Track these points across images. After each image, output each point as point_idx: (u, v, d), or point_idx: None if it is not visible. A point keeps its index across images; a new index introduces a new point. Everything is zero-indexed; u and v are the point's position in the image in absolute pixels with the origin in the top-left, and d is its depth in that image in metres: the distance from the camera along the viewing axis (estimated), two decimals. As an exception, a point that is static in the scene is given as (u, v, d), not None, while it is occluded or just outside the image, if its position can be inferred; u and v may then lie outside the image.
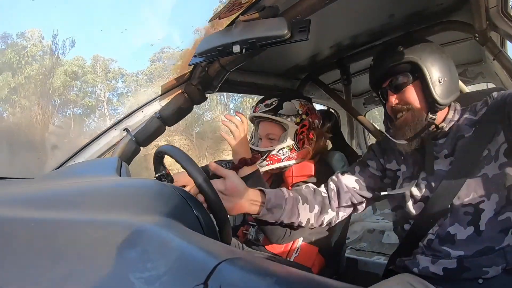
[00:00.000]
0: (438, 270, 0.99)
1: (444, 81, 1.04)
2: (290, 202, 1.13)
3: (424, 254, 1.04)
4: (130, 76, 22.92)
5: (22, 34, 19.74)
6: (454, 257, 0.97)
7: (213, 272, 0.36)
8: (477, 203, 0.97)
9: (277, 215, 1.11)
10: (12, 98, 16.39)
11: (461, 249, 0.97)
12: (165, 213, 0.54)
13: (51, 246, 0.43)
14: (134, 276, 0.38)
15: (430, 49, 1.06)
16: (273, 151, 1.43)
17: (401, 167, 1.15)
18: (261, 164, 1.43)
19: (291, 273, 0.38)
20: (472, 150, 1.00)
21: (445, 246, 0.99)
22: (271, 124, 1.46)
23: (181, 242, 0.43)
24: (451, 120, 1.08)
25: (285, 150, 1.43)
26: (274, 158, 1.44)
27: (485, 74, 2.29)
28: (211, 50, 1.18)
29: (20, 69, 17.44)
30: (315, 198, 1.20)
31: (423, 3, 1.42)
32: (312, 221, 1.19)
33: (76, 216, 0.50)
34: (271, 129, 1.46)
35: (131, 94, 21.29)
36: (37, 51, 19.10)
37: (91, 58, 22.01)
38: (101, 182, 0.74)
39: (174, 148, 0.94)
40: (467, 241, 0.97)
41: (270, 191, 1.12)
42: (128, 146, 1.46)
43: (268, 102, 1.46)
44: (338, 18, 1.46)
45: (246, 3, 1.11)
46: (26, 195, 0.61)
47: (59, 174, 1.03)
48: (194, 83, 1.52)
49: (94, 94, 21.48)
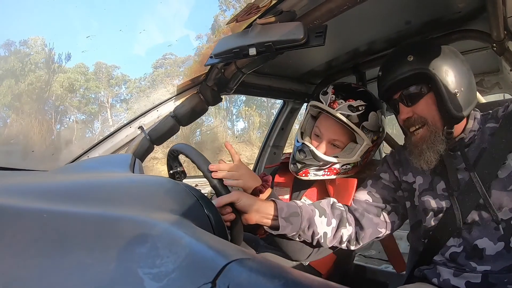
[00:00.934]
0: (460, 284, 0.94)
1: (461, 91, 0.96)
2: (308, 211, 1.06)
3: (446, 266, 0.99)
4: (133, 82, 23.22)
5: (25, 41, 20.22)
6: (480, 272, 0.92)
7: (222, 272, 0.36)
8: (508, 218, 0.92)
9: (296, 224, 1.02)
10: (15, 105, 16.74)
11: (487, 264, 0.92)
12: (176, 211, 0.55)
13: (62, 238, 0.44)
14: (143, 271, 0.38)
15: (443, 55, 0.97)
16: (336, 164, 1.22)
17: (417, 178, 1.09)
18: (316, 173, 1.24)
19: (300, 277, 0.37)
20: (496, 161, 0.93)
21: (471, 261, 0.94)
22: (343, 129, 1.21)
23: (191, 240, 0.43)
24: (471, 130, 1.01)
25: (349, 166, 1.24)
26: (333, 171, 1.24)
27: (501, 85, 2.23)
28: (227, 52, 1.18)
29: (23, 76, 17.83)
30: (332, 212, 1.10)
31: (440, 11, 1.40)
32: (329, 235, 1.09)
33: (87, 210, 0.50)
34: (341, 135, 1.23)
35: (133, 100, 21.58)
36: (40, 59, 19.51)
37: (94, 65, 22.44)
38: (114, 177, 0.75)
39: (187, 146, 0.95)
40: (496, 257, 0.91)
41: (282, 201, 1.05)
42: (142, 144, 1.48)
43: (353, 104, 1.18)
44: (354, 24, 1.45)
45: (264, 7, 1.11)
46: (39, 187, 0.62)
47: (73, 168, 1.04)
48: (209, 84, 1.54)
49: (97, 100, 21.83)
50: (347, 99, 1.18)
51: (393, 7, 1.35)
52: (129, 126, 1.51)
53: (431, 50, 0.99)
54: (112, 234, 0.45)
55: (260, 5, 1.09)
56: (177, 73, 20.83)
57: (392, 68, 1.01)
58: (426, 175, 1.07)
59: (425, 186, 1.06)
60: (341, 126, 1.20)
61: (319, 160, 1.21)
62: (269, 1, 1.07)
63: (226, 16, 19.31)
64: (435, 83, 0.95)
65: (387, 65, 1.05)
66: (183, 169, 1.10)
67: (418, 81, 0.98)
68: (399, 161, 1.16)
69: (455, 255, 0.97)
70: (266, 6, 1.10)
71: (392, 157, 1.18)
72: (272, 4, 1.11)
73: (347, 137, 1.23)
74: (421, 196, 1.06)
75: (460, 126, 1.02)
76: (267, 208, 1.01)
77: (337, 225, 1.09)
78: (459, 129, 1.02)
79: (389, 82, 1.01)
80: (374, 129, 1.21)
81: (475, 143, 1.00)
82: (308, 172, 1.24)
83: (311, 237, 1.07)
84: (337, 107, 1.18)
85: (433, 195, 1.03)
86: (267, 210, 1.01)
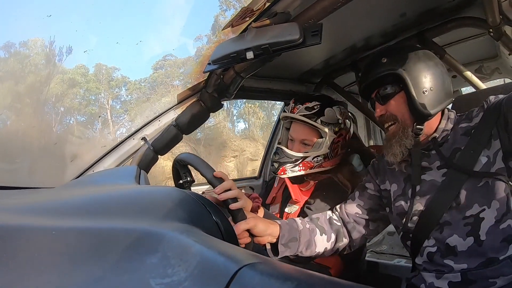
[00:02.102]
0: (443, 285, 0.98)
1: (429, 91, 1.00)
2: (306, 234, 1.12)
3: (427, 271, 1.02)
4: (133, 84, 23.27)
5: (24, 43, 20.29)
6: (458, 271, 0.95)
7: (234, 277, 0.35)
8: (477, 213, 0.94)
9: (294, 248, 1.10)
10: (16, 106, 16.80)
11: (463, 261, 0.95)
12: (185, 219, 0.55)
13: (72, 254, 0.44)
14: (155, 282, 0.38)
15: (416, 58, 1.03)
16: (308, 158, 1.40)
17: (392, 186, 1.14)
18: (292, 169, 1.40)
19: (313, 277, 0.37)
20: (469, 159, 0.97)
21: (447, 260, 0.98)
22: (308, 129, 1.42)
23: (201, 248, 0.43)
24: (444, 129, 1.04)
25: (320, 158, 1.41)
26: (307, 165, 1.41)
27: (501, 70, 2.23)
28: (225, 57, 1.19)
29: (23, 77, 17.86)
30: (331, 228, 1.18)
31: (434, 1, 1.40)
32: (328, 248, 1.18)
33: (96, 224, 0.51)
34: (307, 134, 1.43)
35: (134, 101, 21.60)
36: (40, 60, 19.57)
37: (94, 67, 22.44)
38: (120, 190, 0.75)
39: (191, 155, 0.96)
40: (469, 253, 0.94)
41: (285, 225, 1.10)
42: (146, 155, 1.48)
43: (309, 105, 1.40)
44: (350, 20, 1.45)
45: (258, 10, 1.12)
46: (46, 204, 0.62)
47: (79, 183, 1.05)
48: (209, 91, 1.54)
49: (97, 102, 21.85)
50: (304, 103, 1.41)
51: (387, 0, 1.35)
52: (132, 138, 1.52)
53: (403, 53, 1.05)
54: (122, 246, 0.45)
55: (254, 8, 1.10)
56: (177, 74, 20.86)
57: (368, 69, 1.09)
58: (400, 182, 1.11)
59: (399, 192, 1.11)
60: (305, 126, 1.41)
61: (290, 157, 1.40)
62: (263, 3, 1.08)
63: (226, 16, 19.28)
64: (404, 82, 1.01)
65: (365, 67, 1.13)
66: (192, 178, 1.11)
67: (390, 81, 1.05)
68: (378, 170, 1.21)
69: (430, 255, 1.01)
70: (260, 9, 1.11)
71: (372, 167, 1.24)
72: (266, 7, 1.12)
73: (313, 135, 1.42)
74: (395, 201, 1.11)
75: (432, 125, 1.05)
76: (276, 231, 1.07)
77: (335, 239, 1.18)
78: (431, 128, 1.05)
79: (365, 82, 1.09)
80: (333, 121, 1.39)
81: (448, 143, 1.03)
82: (285, 170, 1.41)
83: (310, 254, 1.15)
84: (297, 111, 1.41)
85: (405, 200, 1.08)
86: (276, 234, 1.07)
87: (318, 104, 1.39)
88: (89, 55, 30.76)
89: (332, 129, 1.39)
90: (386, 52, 1.08)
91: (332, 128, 1.39)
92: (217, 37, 1.39)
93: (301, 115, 1.39)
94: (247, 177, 2.28)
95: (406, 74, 1.00)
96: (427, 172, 1.04)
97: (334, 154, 1.43)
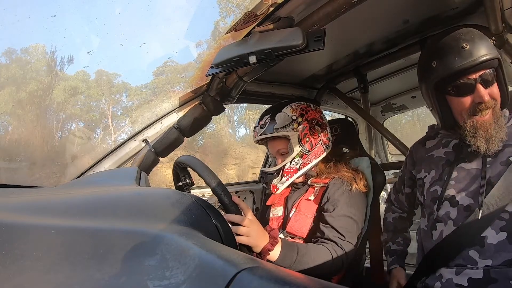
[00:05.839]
0: (462, 281, 0.95)
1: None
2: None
3: (448, 267, 0.99)
4: (134, 90, 23.35)
5: (26, 49, 20.39)
6: (481, 267, 0.93)
7: (232, 281, 0.35)
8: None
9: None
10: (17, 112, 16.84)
11: (489, 257, 0.93)
12: (184, 222, 0.54)
13: (71, 254, 0.44)
14: (153, 284, 0.38)
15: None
16: (286, 165, 1.41)
17: (431, 172, 1.12)
18: (281, 182, 1.41)
19: (311, 282, 0.37)
20: None
21: (472, 250, 0.95)
22: (275, 141, 1.46)
23: (200, 251, 0.42)
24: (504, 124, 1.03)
25: (297, 159, 1.41)
26: (290, 171, 1.41)
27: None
28: (228, 61, 1.19)
29: (24, 84, 17.96)
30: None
31: (438, 8, 1.40)
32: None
33: (95, 225, 0.50)
34: (277, 145, 1.45)
35: (135, 107, 21.67)
36: (42, 66, 19.66)
37: (95, 73, 22.57)
38: (121, 191, 0.75)
39: (191, 158, 0.96)
40: (497, 247, 0.92)
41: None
42: (147, 157, 1.48)
43: (262, 123, 1.44)
44: (353, 26, 1.46)
45: (262, 15, 1.12)
46: (46, 203, 0.62)
47: (80, 183, 1.05)
48: (212, 94, 1.54)
49: (98, 108, 21.94)
50: (259, 123, 1.45)
51: (391, 7, 1.35)
52: (134, 139, 1.52)
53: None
54: (120, 248, 0.45)
55: (258, 13, 1.10)
56: (178, 80, 20.92)
57: (480, 46, 0.98)
58: (438, 167, 1.11)
59: (436, 178, 1.10)
60: (272, 140, 1.46)
61: (272, 173, 1.45)
62: (266, 8, 1.08)
63: (226, 22, 19.38)
64: (501, 68, 1.00)
65: (472, 38, 1.01)
66: (192, 181, 1.10)
67: (495, 65, 1.00)
68: (414, 160, 1.24)
69: (458, 244, 0.99)
70: (264, 13, 1.11)
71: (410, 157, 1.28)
72: (270, 12, 1.12)
73: (282, 143, 1.44)
74: (431, 187, 1.10)
75: None
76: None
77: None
78: None
79: (475, 59, 0.97)
80: (287, 122, 1.39)
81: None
82: (275, 187, 1.42)
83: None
84: (257, 133, 1.44)
85: (440, 185, 1.07)
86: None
87: (267, 117, 1.42)
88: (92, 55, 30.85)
89: (291, 128, 1.39)
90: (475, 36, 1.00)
91: (291, 127, 1.39)
92: (217, 43, 1.40)
93: (261, 135, 1.43)
94: (247, 181, 2.28)
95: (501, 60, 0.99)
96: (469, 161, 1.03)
97: (311, 146, 1.42)
